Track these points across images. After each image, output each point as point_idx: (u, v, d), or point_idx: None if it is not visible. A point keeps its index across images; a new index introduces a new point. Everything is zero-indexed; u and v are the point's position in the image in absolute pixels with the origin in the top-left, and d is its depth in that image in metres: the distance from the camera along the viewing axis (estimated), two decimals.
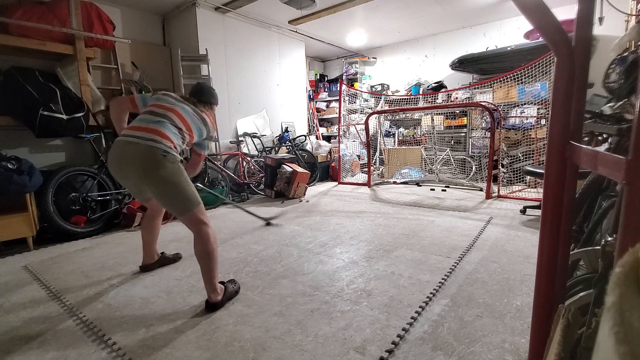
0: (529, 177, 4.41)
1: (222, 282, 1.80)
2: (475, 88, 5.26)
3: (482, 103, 4.57)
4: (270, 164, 4.49)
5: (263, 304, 1.71)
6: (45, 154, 3.44)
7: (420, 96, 5.97)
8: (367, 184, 5.21)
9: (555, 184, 0.82)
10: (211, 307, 1.68)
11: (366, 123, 5.16)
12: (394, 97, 6.27)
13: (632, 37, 1.69)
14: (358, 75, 6.97)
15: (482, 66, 5.13)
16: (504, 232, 2.74)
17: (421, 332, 1.44)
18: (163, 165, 1.64)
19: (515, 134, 4.73)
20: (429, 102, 5.90)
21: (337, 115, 6.03)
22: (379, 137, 6.29)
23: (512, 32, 5.33)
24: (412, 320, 1.52)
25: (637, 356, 0.22)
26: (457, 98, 5.44)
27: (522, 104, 4.74)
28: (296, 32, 5.72)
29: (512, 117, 4.81)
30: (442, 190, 4.66)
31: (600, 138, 1.56)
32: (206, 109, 2.01)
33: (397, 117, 6.42)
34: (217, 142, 4.41)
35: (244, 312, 1.64)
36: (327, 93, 7.32)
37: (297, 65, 6.01)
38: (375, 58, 7.01)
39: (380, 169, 5.99)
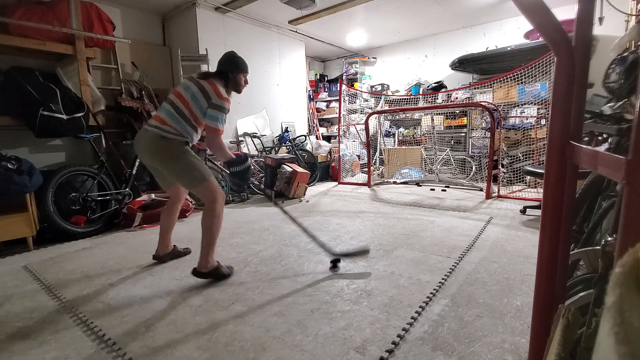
0: (529, 177, 4.41)
1: (218, 263, 1.99)
2: (475, 88, 5.26)
3: (482, 103, 4.57)
4: (270, 164, 4.49)
5: (263, 304, 1.71)
6: (45, 154, 3.44)
7: (420, 96, 5.97)
8: (367, 184, 5.21)
9: (555, 184, 0.82)
10: (196, 273, 1.90)
11: (366, 123, 5.16)
12: (394, 97, 6.27)
13: (632, 37, 1.69)
14: (358, 75, 6.97)
15: (482, 66, 5.13)
16: (504, 232, 2.74)
17: (421, 332, 1.44)
18: (163, 147, 1.88)
19: (515, 134, 4.73)
20: (429, 102, 5.90)
21: (337, 115, 6.03)
22: (379, 137, 6.29)
23: (512, 32, 5.33)
24: (412, 320, 1.52)
25: (637, 356, 0.22)
26: (457, 98, 5.44)
27: (522, 104, 4.74)
28: (296, 32, 5.72)
29: (512, 117, 4.81)
30: (442, 190, 4.66)
31: (600, 138, 1.57)
32: (218, 80, 1.95)
33: (397, 117, 6.43)
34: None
35: (244, 312, 1.64)
36: (327, 93, 7.32)
37: (297, 65, 6.01)
38: (375, 58, 7.02)
39: (380, 169, 5.99)
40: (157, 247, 2.30)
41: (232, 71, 2.02)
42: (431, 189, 4.73)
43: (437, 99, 5.81)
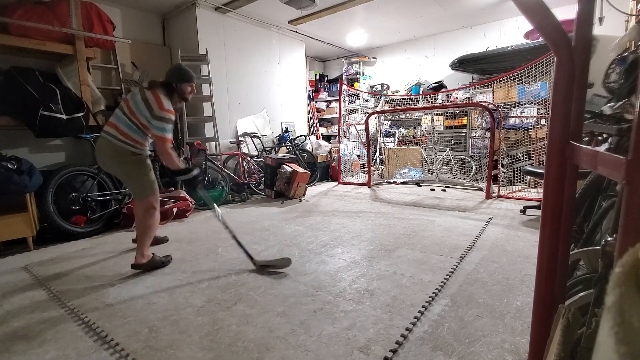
0: (529, 177, 4.41)
1: (153, 254, 2.19)
2: (475, 88, 5.26)
3: (482, 103, 4.57)
4: (270, 164, 4.50)
5: (266, 304, 1.71)
6: (45, 154, 3.44)
7: (420, 96, 5.97)
8: (367, 184, 5.21)
9: (555, 184, 0.82)
10: (135, 267, 2.11)
11: (366, 123, 5.16)
12: (394, 97, 6.27)
13: (632, 37, 1.69)
14: (358, 75, 6.97)
15: (482, 66, 5.13)
16: (504, 232, 2.74)
17: (421, 332, 1.44)
18: (130, 161, 2.05)
19: (515, 134, 4.73)
20: (429, 102, 5.90)
21: (337, 115, 6.03)
22: (379, 137, 6.29)
23: (512, 32, 5.33)
24: (416, 320, 1.52)
25: (637, 356, 0.22)
26: (457, 98, 5.44)
27: (522, 104, 4.74)
28: (296, 32, 5.72)
29: (512, 117, 4.81)
30: (442, 190, 4.66)
31: (600, 138, 1.57)
32: (163, 92, 2.06)
33: (397, 117, 6.43)
34: (217, 142, 4.42)
35: (247, 312, 1.64)
36: (327, 93, 7.31)
37: (297, 65, 6.01)
38: (375, 58, 7.01)
39: (380, 169, 5.99)
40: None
41: (177, 82, 2.15)
42: (431, 189, 4.73)
43: (437, 99, 5.81)
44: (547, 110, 4.36)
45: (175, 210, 3.45)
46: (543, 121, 4.47)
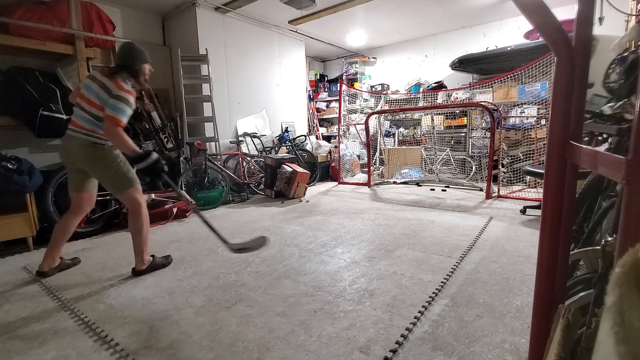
0: (529, 177, 4.41)
1: (153, 256, 2.18)
2: (475, 88, 5.26)
3: (482, 103, 4.57)
4: (270, 164, 4.50)
5: (266, 304, 1.71)
6: (45, 154, 3.44)
7: (421, 94, 5.96)
8: (367, 184, 5.21)
9: (555, 184, 0.82)
10: (136, 273, 2.10)
11: (366, 123, 5.16)
12: (394, 97, 6.27)
13: (632, 37, 1.69)
14: (358, 75, 6.97)
15: (482, 66, 5.13)
16: (504, 232, 2.74)
17: (421, 332, 1.44)
18: (94, 153, 1.96)
19: (515, 134, 4.73)
20: (429, 102, 5.90)
21: (337, 115, 6.03)
22: (379, 137, 6.29)
23: (512, 32, 5.33)
24: (416, 320, 1.52)
25: (637, 356, 0.22)
26: (457, 98, 5.45)
27: (522, 104, 4.74)
28: (296, 32, 5.72)
29: (512, 117, 4.82)
30: (442, 190, 4.66)
31: (600, 138, 1.57)
32: (123, 76, 1.97)
33: (397, 117, 6.43)
34: (217, 142, 4.41)
35: (247, 312, 1.64)
36: (327, 93, 7.31)
37: (297, 65, 6.01)
38: (375, 58, 7.01)
39: (380, 169, 5.99)
40: (42, 262, 2.12)
41: (137, 63, 2.06)
42: (431, 189, 4.73)
43: (437, 99, 5.81)
44: (547, 110, 4.35)
45: (175, 210, 3.45)
46: (543, 121, 4.47)
